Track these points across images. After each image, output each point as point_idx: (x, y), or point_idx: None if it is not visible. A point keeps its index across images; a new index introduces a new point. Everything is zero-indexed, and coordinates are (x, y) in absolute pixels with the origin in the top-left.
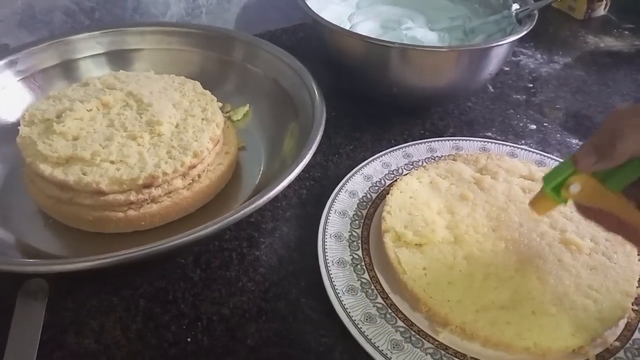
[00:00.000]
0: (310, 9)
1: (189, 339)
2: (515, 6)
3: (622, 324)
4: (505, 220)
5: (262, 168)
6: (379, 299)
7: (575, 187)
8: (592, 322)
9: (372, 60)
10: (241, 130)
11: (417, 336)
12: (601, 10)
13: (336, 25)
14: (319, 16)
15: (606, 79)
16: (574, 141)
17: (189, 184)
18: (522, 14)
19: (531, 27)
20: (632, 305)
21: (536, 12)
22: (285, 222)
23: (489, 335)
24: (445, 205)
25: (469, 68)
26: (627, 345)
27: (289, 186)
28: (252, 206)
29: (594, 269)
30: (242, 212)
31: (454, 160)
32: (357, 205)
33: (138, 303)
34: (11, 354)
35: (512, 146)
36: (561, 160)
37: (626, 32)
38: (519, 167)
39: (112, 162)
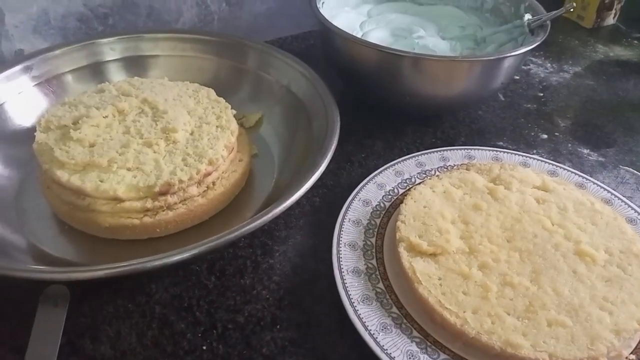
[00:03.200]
0: (323, 17)
1: (204, 347)
2: (527, 16)
3: (637, 336)
4: (520, 231)
5: (275, 175)
6: (394, 309)
7: None
8: (608, 334)
9: (384, 68)
10: (254, 137)
11: (433, 347)
12: (610, 20)
13: (349, 34)
14: (333, 24)
15: (616, 89)
16: (585, 151)
17: (204, 191)
18: (534, 24)
19: (544, 38)
20: None
21: (549, 22)
22: (299, 230)
23: (504, 346)
24: (459, 215)
25: (482, 77)
26: None
27: None
28: (270, 214)
29: (609, 280)
30: (259, 220)
31: (467, 169)
32: (371, 214)
33: (153, 310)
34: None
35: (525, 156)
36: (574, 171)
37: (635, 42)
38: (532, 177)
39: (128, 169)
